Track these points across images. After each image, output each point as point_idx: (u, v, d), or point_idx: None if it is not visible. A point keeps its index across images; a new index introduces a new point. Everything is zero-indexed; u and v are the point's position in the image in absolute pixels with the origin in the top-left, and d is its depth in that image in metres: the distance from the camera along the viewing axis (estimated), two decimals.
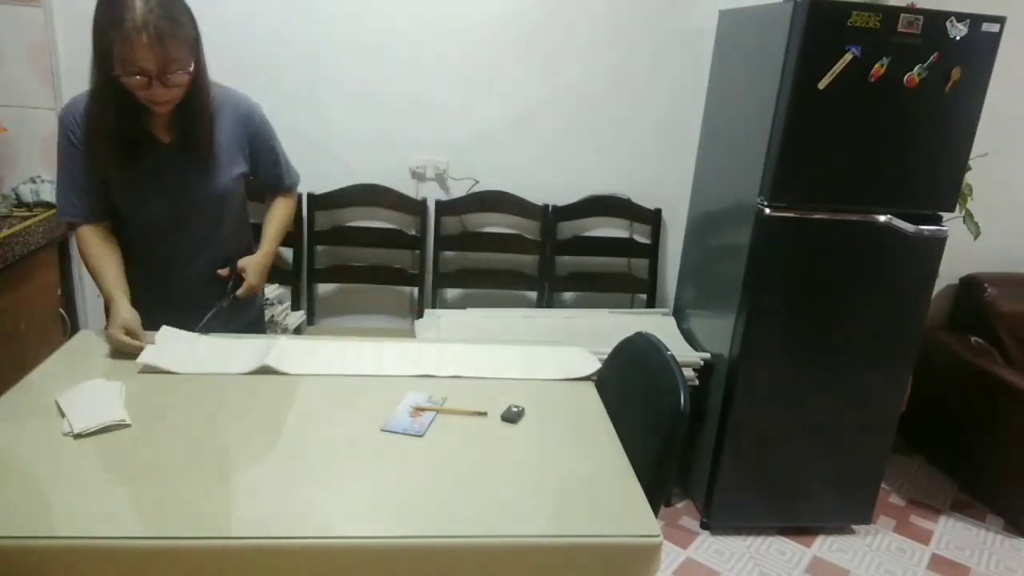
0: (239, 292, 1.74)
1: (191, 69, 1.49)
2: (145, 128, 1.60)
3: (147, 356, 1.53)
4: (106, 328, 1.60)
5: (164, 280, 1.75)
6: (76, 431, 1.26)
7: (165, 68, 1.43)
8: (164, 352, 1.56)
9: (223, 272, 1.75)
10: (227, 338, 1.70)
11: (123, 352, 1.56)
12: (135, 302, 1.63)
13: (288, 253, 2.70)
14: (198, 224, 1.73)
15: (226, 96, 1.69)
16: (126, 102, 1.51)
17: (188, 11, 1.48)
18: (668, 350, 1.52)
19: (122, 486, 1.14)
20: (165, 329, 1.64)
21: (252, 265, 1.77)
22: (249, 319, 1.91)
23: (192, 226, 1.72)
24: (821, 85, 2.04)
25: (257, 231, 1.88)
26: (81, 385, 1.41)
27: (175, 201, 1.67)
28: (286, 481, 1.19)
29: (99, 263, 1.64)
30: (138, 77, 1.43)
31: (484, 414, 1.45)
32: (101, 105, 1.52)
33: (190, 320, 1.71)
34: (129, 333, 1.57)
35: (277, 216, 1.88)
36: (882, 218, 2.19)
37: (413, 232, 2.75)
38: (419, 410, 1.43)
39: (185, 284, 1.76)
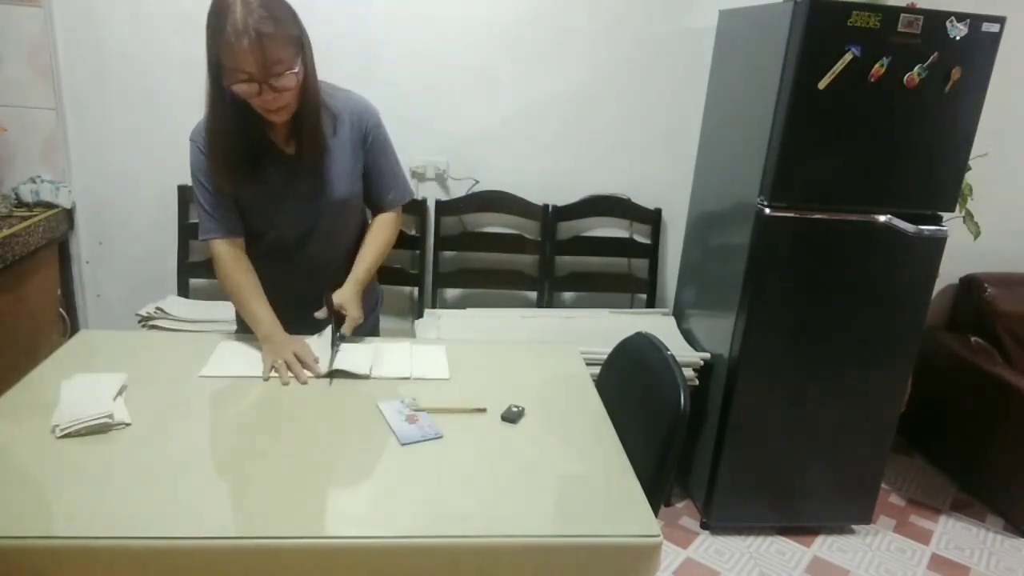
0: (343, 330, 1.63)
1: (297, 70, 1.44)
2: (267, 141, 1.58)
3: (210, 369, 1.56)
4: (267, 353, 1.59)
5: (293, 292, 1.70)
6: (61, 433, 1.26)
7: (269, 70, 1.39)
8: (224, 361, 1.60)
9: (320, 314, 1.64)
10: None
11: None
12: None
13: None
14: (327, 233, 1.70)
15: (346, 99, 1.66)
16: (244, 115, 1.49)
17: (290, 9, 1.43)
18: (668, 350, 1.52)
19: (121, 486, 1.14)
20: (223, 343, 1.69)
21: (347, 300, 1.66)
22: (368, 326, 1.85)
23: (321, 235, 1.70)
24: (821, 85, 2.04)
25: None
26: (75, 379, 1.41)
27: (304, 212, 1.65)
28: (285, 481, 1.19)
29: (244, 286, 1.64)
30: (245, 84, 1.40)
31: (483, 411, 1.45)
32: (217, 118, 1.50)
33: (320, 328, 1.68)
34: (299, 360, 1.55)
35: (374, 241, 1.76)
36: (882, 218, 2.19)
37: (413, 232, 2.75)
38: (414, 412, 1.42)
39: (316, 294, 1.67)
